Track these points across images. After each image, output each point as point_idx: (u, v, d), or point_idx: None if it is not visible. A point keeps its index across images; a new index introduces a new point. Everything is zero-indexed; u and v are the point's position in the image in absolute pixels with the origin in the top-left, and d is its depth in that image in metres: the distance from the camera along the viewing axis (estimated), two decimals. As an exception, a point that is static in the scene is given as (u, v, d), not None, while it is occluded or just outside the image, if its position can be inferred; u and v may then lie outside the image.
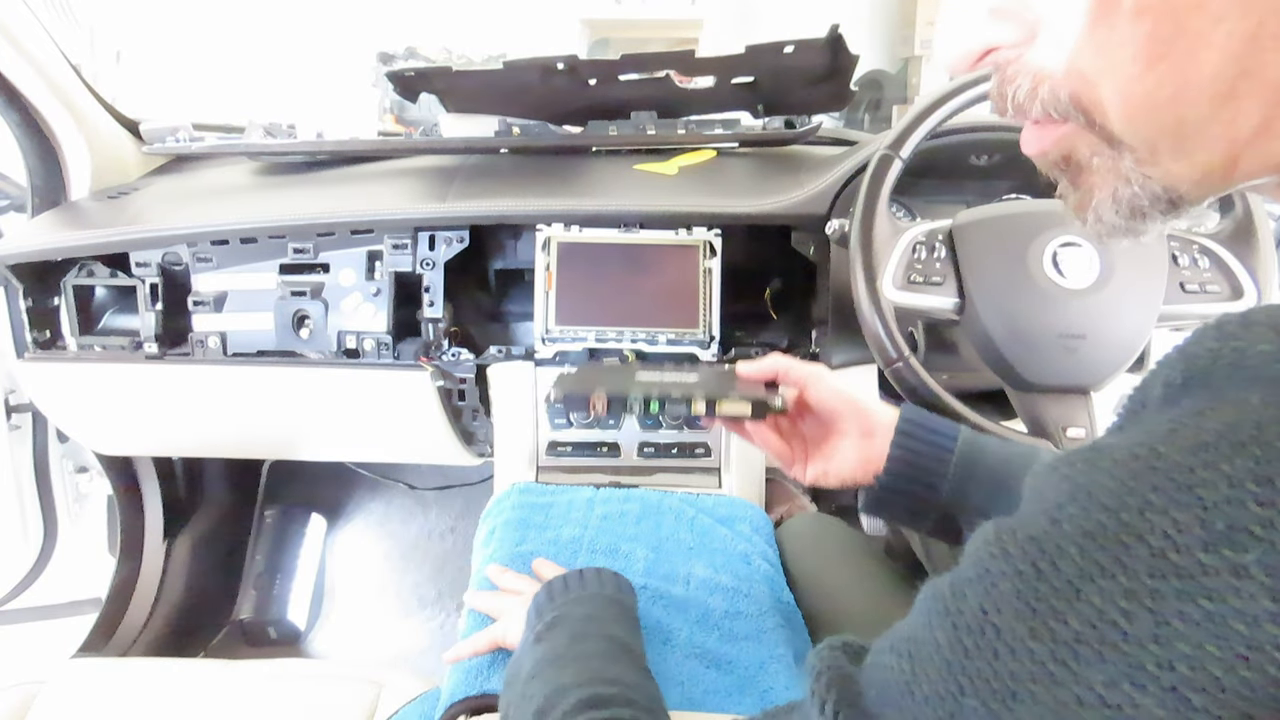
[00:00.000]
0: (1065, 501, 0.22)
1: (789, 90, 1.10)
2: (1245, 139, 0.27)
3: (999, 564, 0.23)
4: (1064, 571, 0.21)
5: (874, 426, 0.61)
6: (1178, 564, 0.19)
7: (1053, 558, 0.21)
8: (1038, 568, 0.21)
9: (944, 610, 0.24)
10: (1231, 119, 0.27)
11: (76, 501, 1.29)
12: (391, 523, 1.71)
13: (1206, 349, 0.22)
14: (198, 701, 0.79)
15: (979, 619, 0.23)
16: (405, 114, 2.18)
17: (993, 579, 0.23)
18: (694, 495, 0.90)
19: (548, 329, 0.95)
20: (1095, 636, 0.20)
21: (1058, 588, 0.21)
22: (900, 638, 0.27)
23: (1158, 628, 0.19)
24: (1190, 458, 0.20)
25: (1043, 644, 0.21)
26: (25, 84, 1.00)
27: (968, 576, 0.24)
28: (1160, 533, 0.19)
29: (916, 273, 0.76)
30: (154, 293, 1.01)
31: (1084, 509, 0.21)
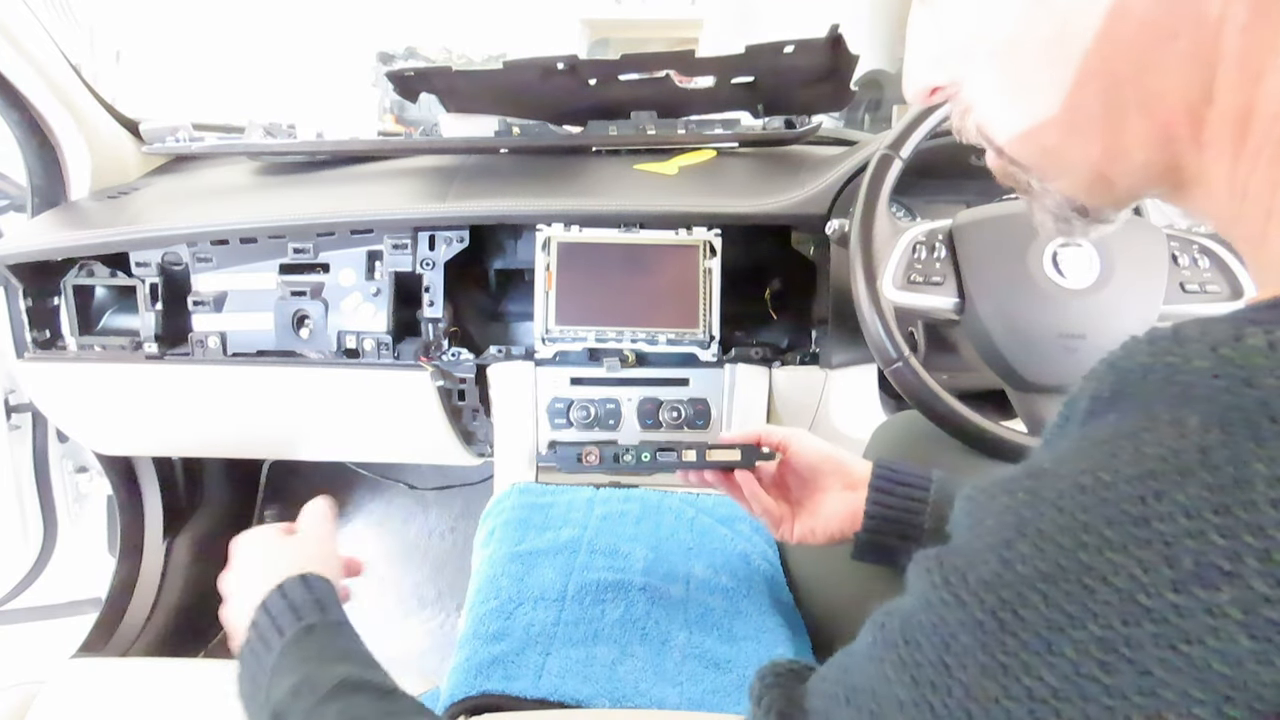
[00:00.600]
0: (1014, 538, 0.21)
1: (789, 90, 1.10)
2: (1099, 161, 0.32)
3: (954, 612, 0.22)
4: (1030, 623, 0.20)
5: (857, 479, 0.64)
6: (1149, 608, 0.18)
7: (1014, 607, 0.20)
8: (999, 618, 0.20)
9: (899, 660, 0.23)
10: (1080, 146, 0.32)
11: (76, 501, 1.29)
12: (391, 523, 1.71)
13: (1138, 363, 0.22)
14: (198, 701, 0.79)
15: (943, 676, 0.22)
16: (405, 114, 2.18)
17: (950, 629, 0.22)
18: (694, 495, 0.90)
19: (548, 329, 0.95)
20: (1076, 692, 0.19)
21: (1026, 641, 0.20)
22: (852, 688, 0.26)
23: (1140, 678, 0.18)
24: (1139, 487, 0.19)
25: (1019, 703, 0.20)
26: (25, 84, 1.00)
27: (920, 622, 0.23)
28: (1126, 575, 0.19)
29: (916, 273, 0.76)
30: (154, 293, 1.01)
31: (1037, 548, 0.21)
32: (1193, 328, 0.21)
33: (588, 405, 0.97)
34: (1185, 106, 0.29)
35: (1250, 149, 0.28)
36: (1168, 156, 0.31)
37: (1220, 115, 0.29)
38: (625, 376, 0.97)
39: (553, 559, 0.79)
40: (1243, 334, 0.20)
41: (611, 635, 0.70)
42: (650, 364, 0.97)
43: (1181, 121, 0.30)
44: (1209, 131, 0.29)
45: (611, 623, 0.70)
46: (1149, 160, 0.31)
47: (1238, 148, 0.29)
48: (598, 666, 0.67)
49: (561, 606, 0.72)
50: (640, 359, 0.97)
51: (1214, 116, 0.29)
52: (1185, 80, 0.29)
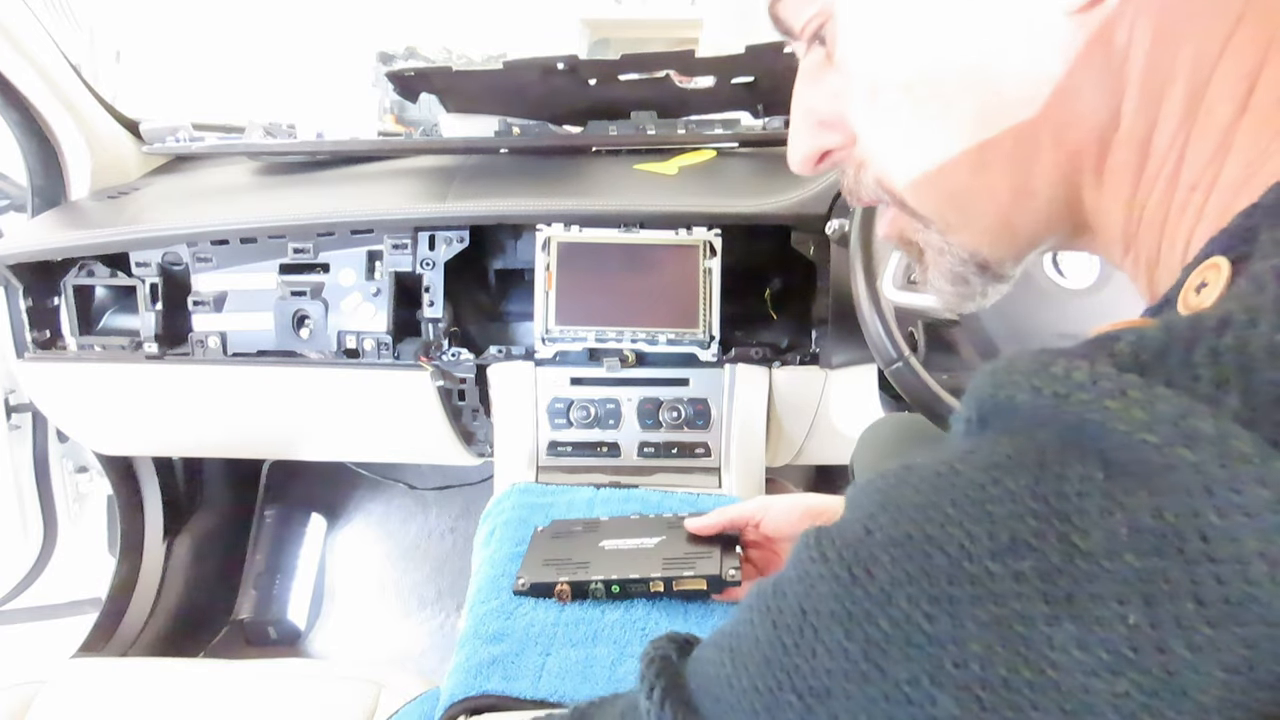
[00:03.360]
0: (877, 511, 0.24)
1: (789, 90, 1.09)
2: (1006, 202, 0.33)
3: (818, 567, 0.25)
4: (877, 578, 0.23)
5: None
6: (971, 572, 0.21)
7: (867, 565, 0.23)
8: (853, 573, 0.23)
9: (765, 609, 0.26)
10: (988, 186, 0.32)
11: (76, 501, 1.29)
12: (391, 523, 1.71)
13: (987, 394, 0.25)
14: (198, 701, 0.79)
15: (798, 619, 0.24)
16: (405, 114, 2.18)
17: (811, 581, 0.25)
18: (694, 495, 0.90)
19: (548, 329, 0.95)
20: (902, 637, 0.22)
21: (871, 593, 0.23)
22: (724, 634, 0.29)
23: (955, 629, 0.21)
24: (983, 475, 0.22)
25: (856, 644, 0.23)
26: (25, 84, 1.00)
27: (789, 577, 0.26)
28: (957, 544, 0.22)
29: (916, 273, 0.76)
30: (154, 293, 1.01)
31: (893, 519, 0.24)
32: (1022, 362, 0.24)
33: (588, 405, 0.97)
34: (1096, 133, 0.30)
35: (1149, 174, 0.30)
36: (1070, 192, 0.32)
37: (1126, 139, 0.30)
38: (625, 376, 0.97)
39: (553, 559, 0.78)
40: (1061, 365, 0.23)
41: (611, 635, 0.69)
42: (650, 364, 0.97)
43: (1090, 149, 0.31)
44: (1113, 158, 0.30)
45: (611, 623, 0.70)
46: (1052, 198, 0.32)
47: (1137, 174, 0.30)
48: (598, 666, 0.67)
49: (561, 607, 0.72)
50: (640, 359, 0.97)
51: (1120, 142, 0.30)
52: (1097, 106, 0.30)
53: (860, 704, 0.23)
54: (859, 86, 0.34)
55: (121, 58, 2.32)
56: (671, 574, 0.70)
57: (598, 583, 0.71)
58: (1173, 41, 0.28)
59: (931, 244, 0.37)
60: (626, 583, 0.71)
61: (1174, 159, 0.29)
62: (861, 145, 0.36)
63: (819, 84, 0.36)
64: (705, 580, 0.69)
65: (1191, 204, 0.29)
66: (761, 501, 0.69)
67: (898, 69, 0.32)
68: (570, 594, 0.72)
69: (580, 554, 0.75)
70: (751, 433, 0.98)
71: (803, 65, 0.37)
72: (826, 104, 0.36)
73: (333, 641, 1.56)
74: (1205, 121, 0.28)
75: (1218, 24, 0.27)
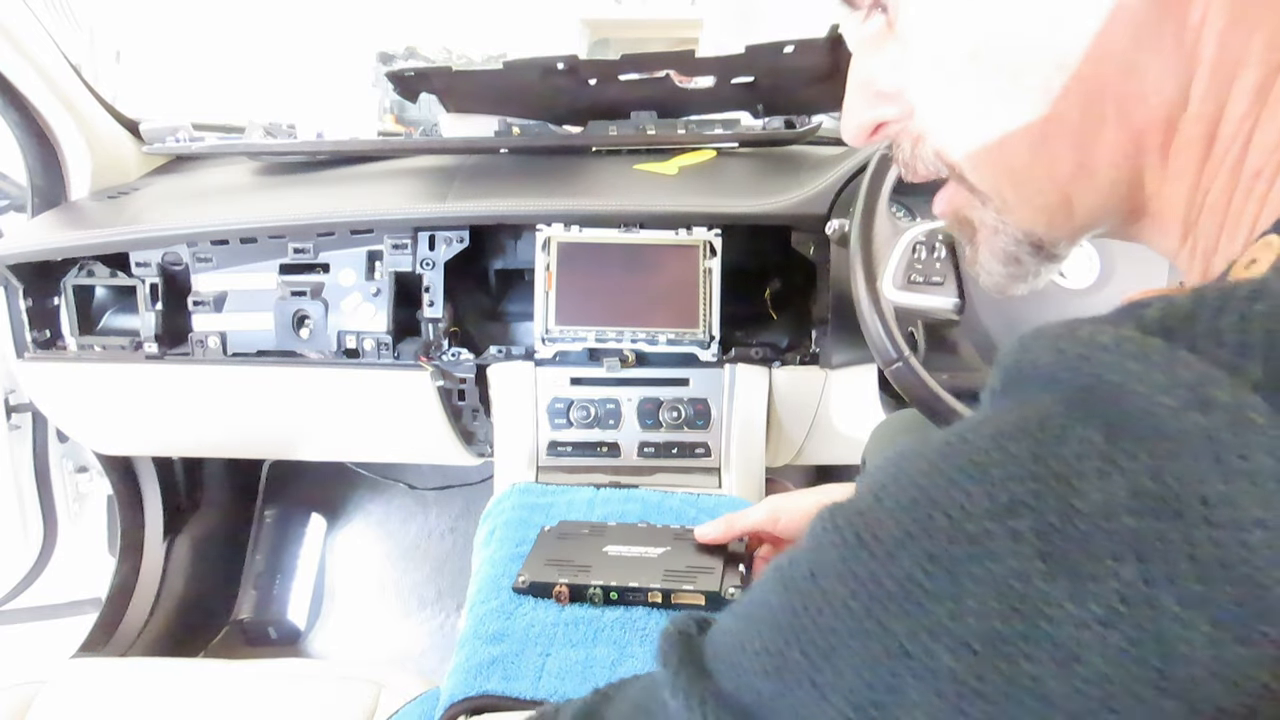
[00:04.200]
0: (888, 481, 0.25)
1: (789, 90, 1.10)
2: (1067, 179, 0.32)
3: (829, 535, 0.25)
4: (882, 540, 0.24)
5: None
6: (970, 531, 0.22)
7: (873, 529, 0.24)
8: (860, 537, 0.24)
9: (779, 578, 0.27)
10: (1049, 162, 0.32)
11: (76, 501, 1.29)
12: (391, 523, 1.71)
13: (1012, 361, 0.25)
14: (198, 701, 0.79)
15: (809, 582, 0.26)
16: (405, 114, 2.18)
17: (822, 548, 0.26)
18: (694, 495, 0.90)
19: (548, 329, 0.95)
20: (902, 594, 0.23)
21: (876, 554, 0.24)
22: (740, 604, 0.30)
23: (952, 585, 0.22)
24: (987, 442, 0.23)
25: (860, 602, 0.24)
26: (25, 84, 1.00)
27: (802, 547, 0.27)
28: (957, 505, 0.23)
29: (916, 273, 0.76)
30: (154, 293, 1.01)
31: (901, 487, 0.25)
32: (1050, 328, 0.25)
33: (588, 405, 0.97)
34: (1164, 112, 0.29)
35: (1214, 158, 0.29)
36: (1133, 173, 0.31)
37: (1193, 121, 0.29)
38: (625, 376, 0.97)
39: (553, 559, 0.78)
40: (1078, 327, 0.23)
41: (611, 636, 0.69)
42: (650, 364, 0.97)
43: (1156, 129, 0.30)
44: (1180, 139, 0.30)
45: (611, 623, 0.70)
46: (1115, 179, 0.32)
47: (1202, 158, 0.30)
48: (598, 667, 0.67)
49: (561, 607, 0.72)
50: (640, 359, 0.97)
51: (1186, 123, 0.29)
52: (1165, 84, 0.29)
53: (862, 658, 0.24)
54: (921, 56, 0.33)
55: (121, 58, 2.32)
56: (671, 586, 0.70)
57: (596, 588, 0.72)
58: (1247, 23, 0.27)
59: (986, 222, 0.36)
60: (625, 590, 0.71)
61: (1240, 144, 0.28)
62: (920, 117, 0.35)
63: (879, 53, 0.35)
64: (704, 596, 0.70)
65: (1255, 191, 0.28)
66: (771, 508, 0.67)
67: (963, 38, 0.32)
68: (568, 596, 0.72)
69: (583, 557, 0.75)
70: (751, 433, 0.98)
71: (861, 34, 0.36)
72: (886, 74, 0.35)
73: (333, 641, 1.56)
74: (1275, 107, 0.27)
75: None
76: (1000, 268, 0.37)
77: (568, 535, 0.80)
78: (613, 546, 0.77)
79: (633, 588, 0.71)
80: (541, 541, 0.79)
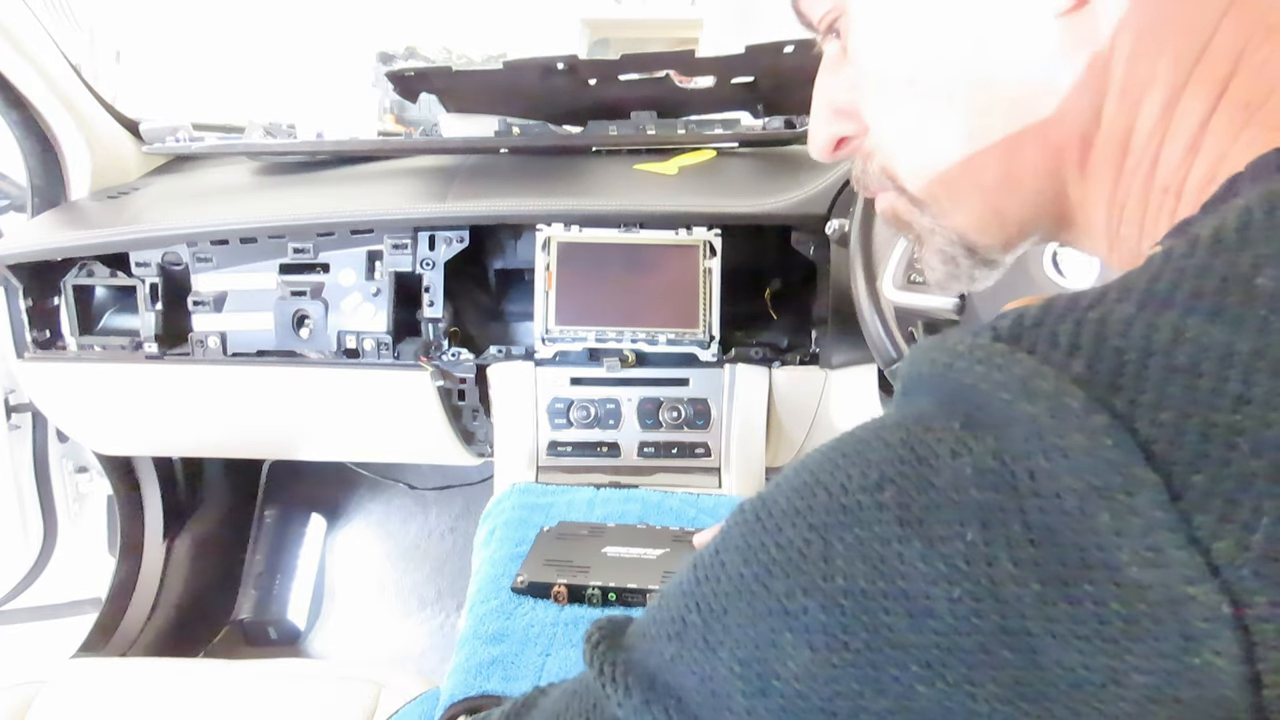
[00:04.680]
0: (789, 471, 0.29)
1: (789, 90, 1.10)
2: (995, 190, 0.35)
3: (734, 517, 0.29)
4: (774, 515, 0.27)
5: None
6: (844, 504, 0.25)
7: (769, 508, 0.27)
8: (757, 515, 0.28)
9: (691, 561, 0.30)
10: (978, 173, 0.35)
11: (76, 501, 1.29)
12: (391, 523, 1.71)
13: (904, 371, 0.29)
14: (198, 701, 0.79)
15: (713, 557, 0.29)
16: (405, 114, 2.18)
17: (727, 527, 0.29)
18: (694, 495, 0.90)
19: (548, 329, 0.95)
20: (785, 560, 0.26)
21: (767, 527, 0.27)
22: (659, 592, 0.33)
23: (826, 550, 0.25)
24: (870, 434, 0.26)
25: (750, 569, 0.27)
26: (25, 84, 1.00)
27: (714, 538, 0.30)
28: (838, 484, 0.26)
29: (916, 273, 0.76)
30: (154, 293, 1.01)
31: (796, 472, 0.28)
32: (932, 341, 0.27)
33: (588, 405, 0.97)
34: (1079, 129, 0.32)
35: (1126, 173, 0.32)
36: (1056, 185, 0.34)
37: (1106, 139, 0.32)
38: (625, 376, 0.97)
39: (553, 559, 0.78)
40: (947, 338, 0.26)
41: (611, 635, 0.70)
42: (650, 364, 0.97)
43: (1073, 145, 0.32)
44: (1095, 155, 0.32)
45: (611, 623, 0.70)
46: (1039, 190, 0.34)
47: (1117, 173, 0.32)
48: (597, 666, 0.67)
49: (560, 607, 0.72)
50: (640, 359, 0.97)
51: (1101, 140, 0.32)
52: (1080, 104, 0.31)
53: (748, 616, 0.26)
54: (868, 79, 0.37)
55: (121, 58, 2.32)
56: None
57: (594, 588, 0.72)
58: (1154, 47, 0.30)
59: (924, 225, 0.39)
60: (623, 592, 0.72)
61: (1149, 160, 0.31)
62: (870, 135, 0.38)
63: (837, 75, 0.39)
64: None
65: (1165, 206, 0.31)
66: None
67: (901, 63, 0.35)
68: (567, 596, 0.72)
69: (582, 558, 0.75)
70: (751, 433, 0.98)
71: (825, 57, 0.40)
72: (843, 94, 0.39)
73: (333, 641, 1.56)
74: (1178, 125, 0.30)
75: (1196, 33, 0.29)
76: (940, 265, 0.40)
77: (567, 536, 0.80)
78: (612, 548, 0.77)
79: (631, 589, 0.71)
80: (540, 542, 0.79)
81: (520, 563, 0.79)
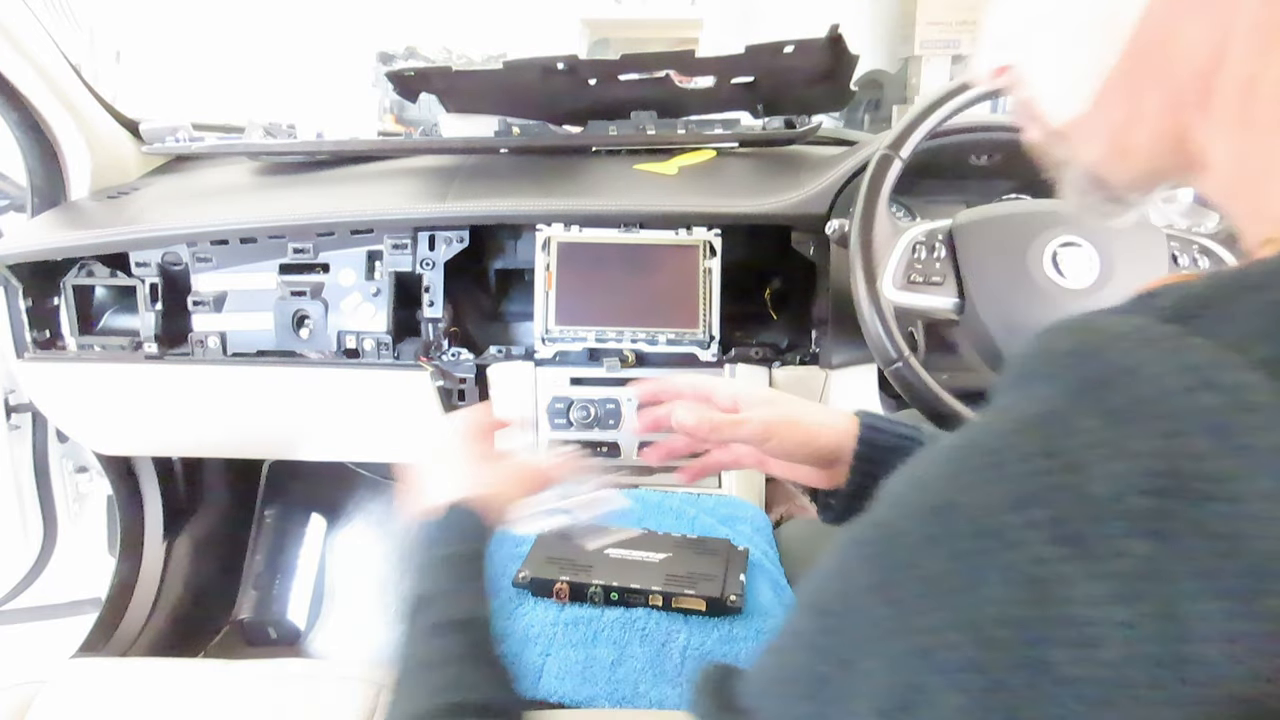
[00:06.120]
0: (905, 491, 0.26)
1: (789, 90, 1.10)
2: (1120, 128, 0.35)
3: (853, 551, 0.27)
4: (906, 547, 0.25)
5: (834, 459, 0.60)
6: (988, 526, 0.23)
7: (896, 537, 0.25)
8: (884, 549, 0.25)
9: (810, 604, 0.28)
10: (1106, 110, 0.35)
11: (76, 501, 1.29)
12: (391, 523, 1.71)
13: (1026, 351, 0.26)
14: (198, 701, 0.79)
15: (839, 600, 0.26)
16: (405, 114, 2.18)
17: (849, 565, 0.27)
18: (694, 495, 0.90)
19: (548, 329, 0.95)
20: (927, 593, 0.24)
21: (900, 561, 0.25)
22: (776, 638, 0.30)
23: (974, 578, 0.23)
24: (997, 441, 0.24)
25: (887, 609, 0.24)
26: (25, 84, 1.00)
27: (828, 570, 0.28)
28: (978, 504, 0.23)
29: (916, 273, 0.76)
30: (154, 293, 1.01)
31: (919, 495, 0.26)
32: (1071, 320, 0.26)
33: (588, 405, 0.97)
34: (1200, 70, 0.31)
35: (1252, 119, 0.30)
36: (1178, 126, 0.33)
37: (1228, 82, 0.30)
38: (625, 376, 0.97)
39: (553, 559, 0.78)
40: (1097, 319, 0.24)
41: (611, 635, 0.70)
42: (650, 364, 0.97)
43: (1193, 86, 0.31)
44: (1217, 98, 0.31)
45: (611, 623, 0.70)
46: (1161, 130, 0.33)
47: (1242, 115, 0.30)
48: (597, 667, 0.67)
49: (561, 607, 0.72)
50: (640, 359, 0.97)
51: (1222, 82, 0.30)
52: (1199, 47, 0.30)
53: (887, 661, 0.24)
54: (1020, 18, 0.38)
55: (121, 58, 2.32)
56: (672, 590, 0.71)
57: (597, 587, 0.72)
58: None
59: (1060, 157, 0.39)
60: (625, 591, 0.72)
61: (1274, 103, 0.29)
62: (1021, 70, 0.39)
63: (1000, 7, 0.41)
64: (705, 602, 0.71)
65: None
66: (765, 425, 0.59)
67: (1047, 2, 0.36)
68: (569, 594, 0.72)
69: (584, 557, 0.75)
70: (751, 433, 0.98)
71: None
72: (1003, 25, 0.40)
73: (333, 641, 1.56)
74: None
75: None
76: (1075, 198, 0.40)
77: (569, 536, 0.80)
78: (614, 549, 0.77)
79: (634, 589, 0.71)
80: (542, 541, 0.79)
81: (520, 562, 0.79)
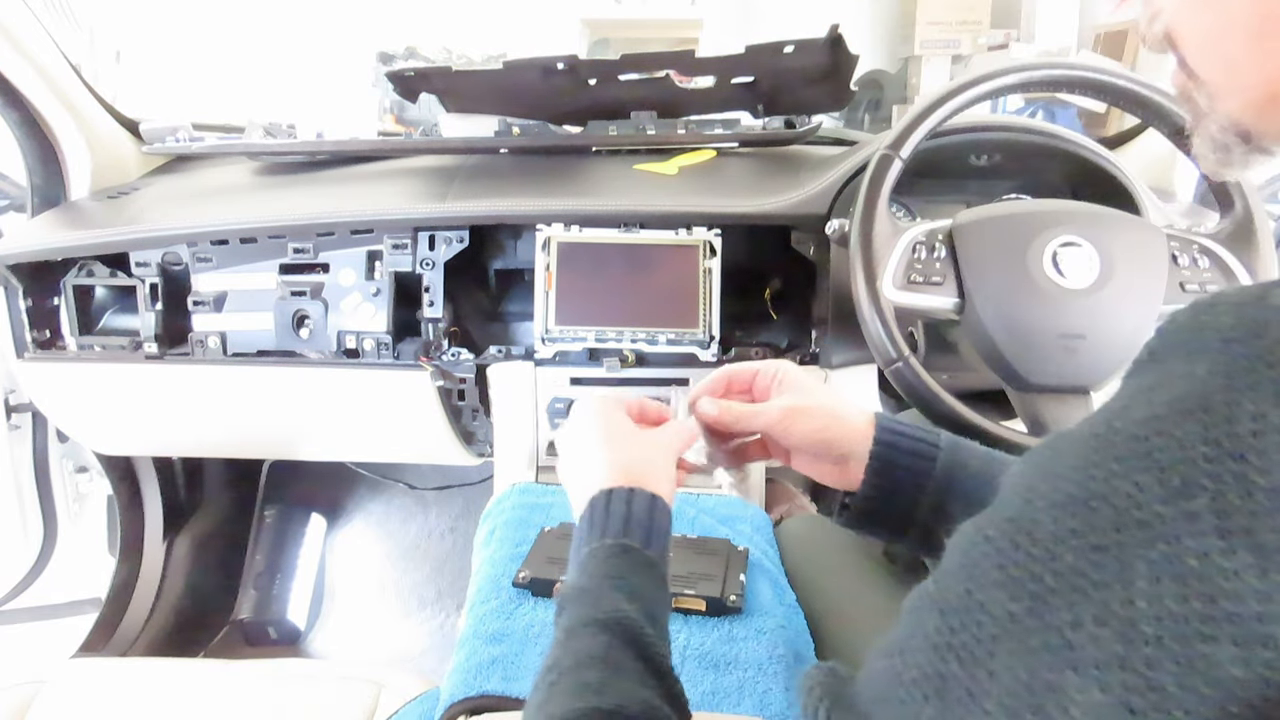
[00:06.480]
0: (1036, 482, 0.25)
1: (789, 90, 1.10)
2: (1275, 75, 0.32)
3: (980, 548, 0.26)
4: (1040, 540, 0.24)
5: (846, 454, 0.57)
6: (1139, 517, 0.22)
7: (1028, 530, 0.24)
8: (1015, 541, 0.24)
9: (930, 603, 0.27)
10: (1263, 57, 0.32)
11: (76, 501, 1.29)
12: (391, 523, 1.71)
13: (1177, 323, 0.25)
14: (198, 701, 0.79)
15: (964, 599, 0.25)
16: (405, 114, 2.18)
17: (974, 561, 0.25)
18: (694, 495, 0.90)
19: (548, 329, 0.95)
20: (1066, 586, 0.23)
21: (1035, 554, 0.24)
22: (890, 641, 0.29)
23: (1122, 570, 0.22)
24: (1144, 428, 0.23)
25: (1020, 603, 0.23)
26: (25, 84, 1.00)
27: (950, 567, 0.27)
28: (1123, 494, 0.22)
29: (916, 273, 0.76)
30: (154, 293, 1.01)
31: (1053, 485, 0.24)
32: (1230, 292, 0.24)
33: (588, 405, 0.97)
34: None
35: None
36: None
37: None
38: (625, 376, 0.97)
39: (553, 559, 0.78)
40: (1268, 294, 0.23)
41: (611, 635, 0.69)
42: (650, 364, 0.97)
43: None
44: None
45: (611, 623, 0.70)
46: None
47: None
48: (598, 666, 0.67)
49: (561, 606, 0.72)
50: (640, 359, 0.97)
51: None
52: None
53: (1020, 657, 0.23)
54: None
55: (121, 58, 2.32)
56: (673, 590, 0.70)
57: None
58: None
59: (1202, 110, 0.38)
60: None
61: None
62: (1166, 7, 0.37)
63: None
64: (705, 602, 0.71)
65: None
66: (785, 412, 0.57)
67: None
68: None
69: None
70: (751, 433, 0.98)
71: None
72: None
73: (333, 641, 1.56)
74: None
75: None
76: (1211, 154, 0.38)
77: (569, 536, 0.80)
78: None
79: None
80: (543, 541, 0.79)
81: (521, 562, 0.79)
